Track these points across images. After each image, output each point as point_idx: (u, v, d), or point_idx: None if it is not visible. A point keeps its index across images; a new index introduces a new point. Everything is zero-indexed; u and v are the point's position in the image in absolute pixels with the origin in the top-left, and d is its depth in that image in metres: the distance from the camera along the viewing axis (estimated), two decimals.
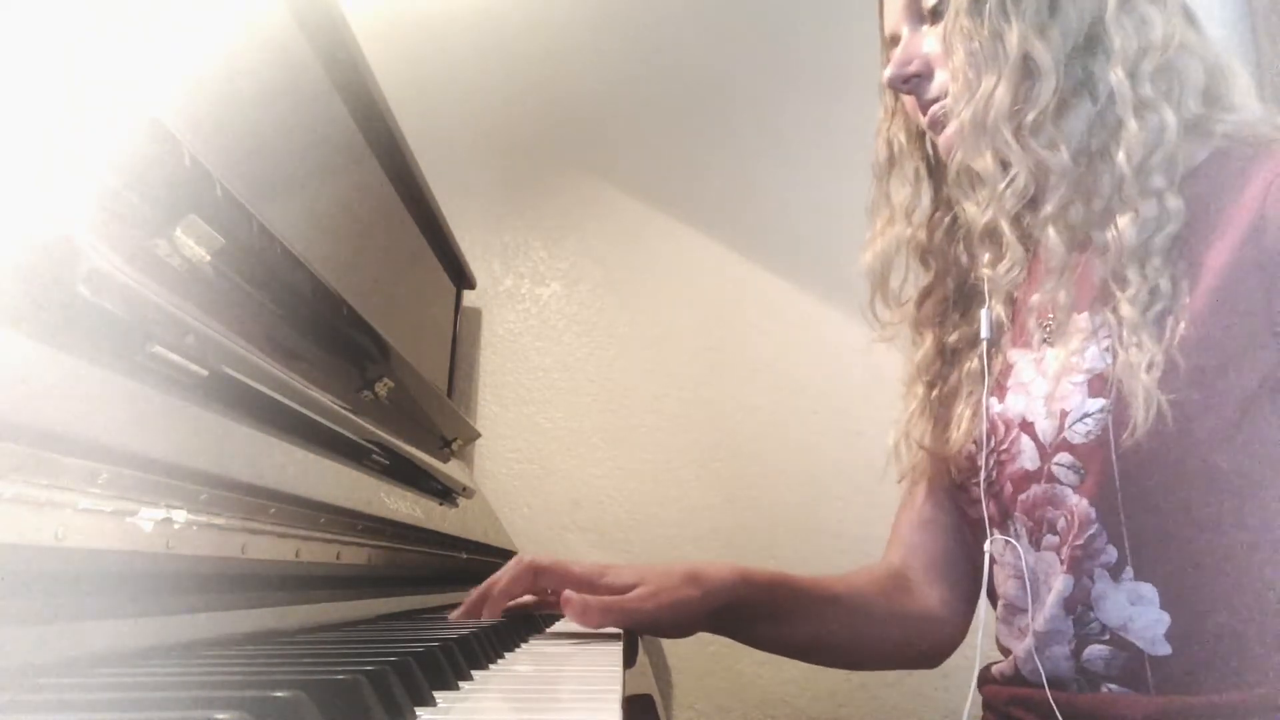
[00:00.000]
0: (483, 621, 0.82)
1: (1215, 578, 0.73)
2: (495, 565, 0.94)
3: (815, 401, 1.76)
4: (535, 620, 0.93)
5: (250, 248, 0.71)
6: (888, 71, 0.87)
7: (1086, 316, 0.79)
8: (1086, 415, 0.77)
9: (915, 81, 0.86)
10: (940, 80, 0.84)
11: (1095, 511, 0.77)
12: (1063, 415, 0.79)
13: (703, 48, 1.90)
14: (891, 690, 1.66)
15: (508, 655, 0.70)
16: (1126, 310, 0.74)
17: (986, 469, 0.86)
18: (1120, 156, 0.75)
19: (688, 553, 1.71)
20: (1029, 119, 0.77)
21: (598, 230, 1.85)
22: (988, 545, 0.86)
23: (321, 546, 0.75)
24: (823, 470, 1.73)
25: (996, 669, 0.88)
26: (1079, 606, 0.78)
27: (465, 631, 0.65)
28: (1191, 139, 0.77)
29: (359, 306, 0.94)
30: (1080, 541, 0.77)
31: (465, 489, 1.36)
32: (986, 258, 0.83)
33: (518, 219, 1.86)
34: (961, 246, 0.92)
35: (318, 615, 0.76)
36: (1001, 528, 0.86)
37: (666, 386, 1.79)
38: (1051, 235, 0.78)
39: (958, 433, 0.89)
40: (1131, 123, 0.75)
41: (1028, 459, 0.82)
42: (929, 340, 0.94)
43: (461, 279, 1.70)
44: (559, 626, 0.97)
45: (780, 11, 1.89)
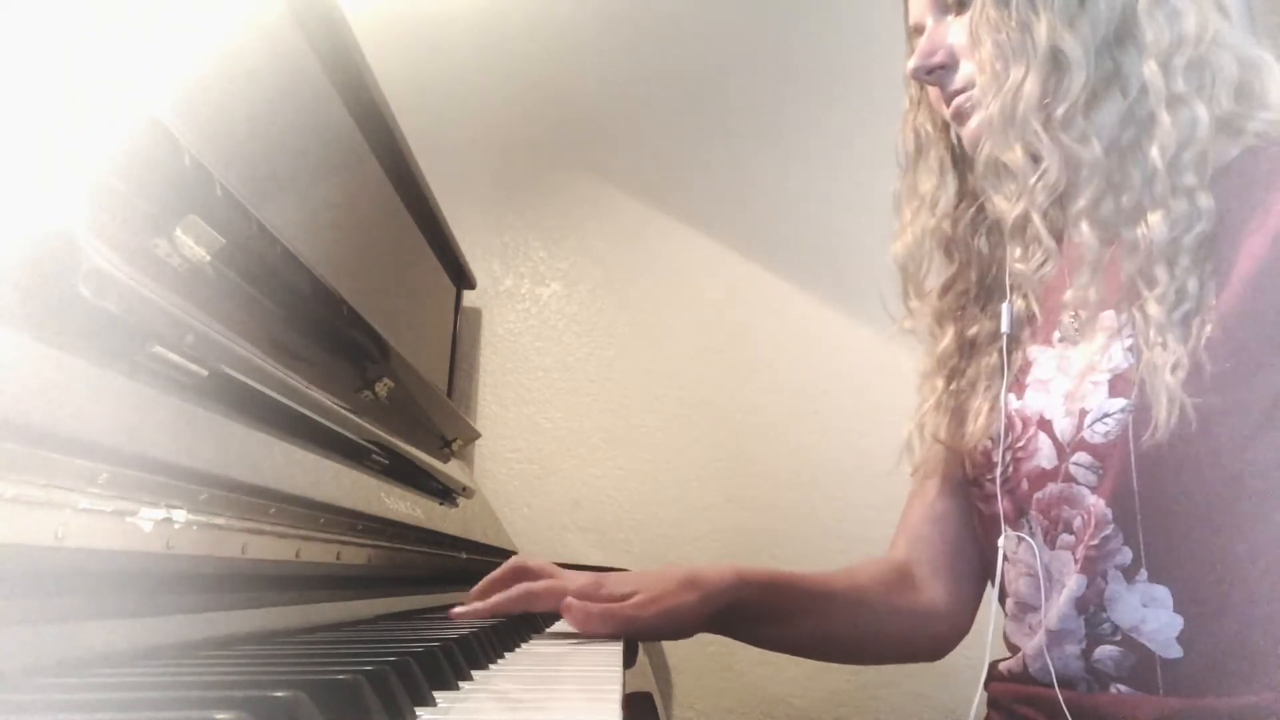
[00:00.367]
0: (483, 621, 0.82)
1: (1230, 583, 0.72)
2: (495, 565, 0.94)
3: (815, 401, 1.76)
4: (535, 620, 0.93)
5: (250, 248, 0.71)
6: (912, 62, 0.86)
7: (1112, 314, 0.78)
8: (1106, 415, 0.76)
9: (939, 73, 0.84)
10: (965, 72, 0.83)
11: (1112, 512, 0.76)
12: (1082, 414, 0.78)
13: (702, 48, 1.89)
14: (892, 690, 1.66)
15: (508, 655, 0.70)
16: (1153, 309, 0.73)
17: (1003, 465, 0.85)
18: (1154, 152, 0.74)
19: (688, 553, 1.71)
20: (1059, 112, 0.75)
21: (598, 230, 1.85)
22: (1001, 541, 0.85)
23: (321, 546, 0.75)
24: (823, 470, 1.73)
25: (1004, 666, 0.88)
26: (1091, 607, 0.78)
27: (465, 631, 0.65)
28: (1223, 136, 0.76)
29: (359, 306, 0.94)
30: (1095, 542, 0.77)
31: (465, 489, 1.36)
32: (1018, 252, 0.81)
33: (518, 219, 1.86)
34: (984, 239, 0.91)
35: (318, 615, 0.76)
36: (1015, 525, 0.85)
37: (666, 386, 1.79)
38: (1085, 230, 0.76)
39: (974, 427, 0.88)
40: (1164, 117, 0.74)
41: (1045, 457, 0.81)
42: (950, 333, 0.93)
43: (461, 279, 1.70)
44: (559, 626, 0.97)
45: (779, 12, 1.89)
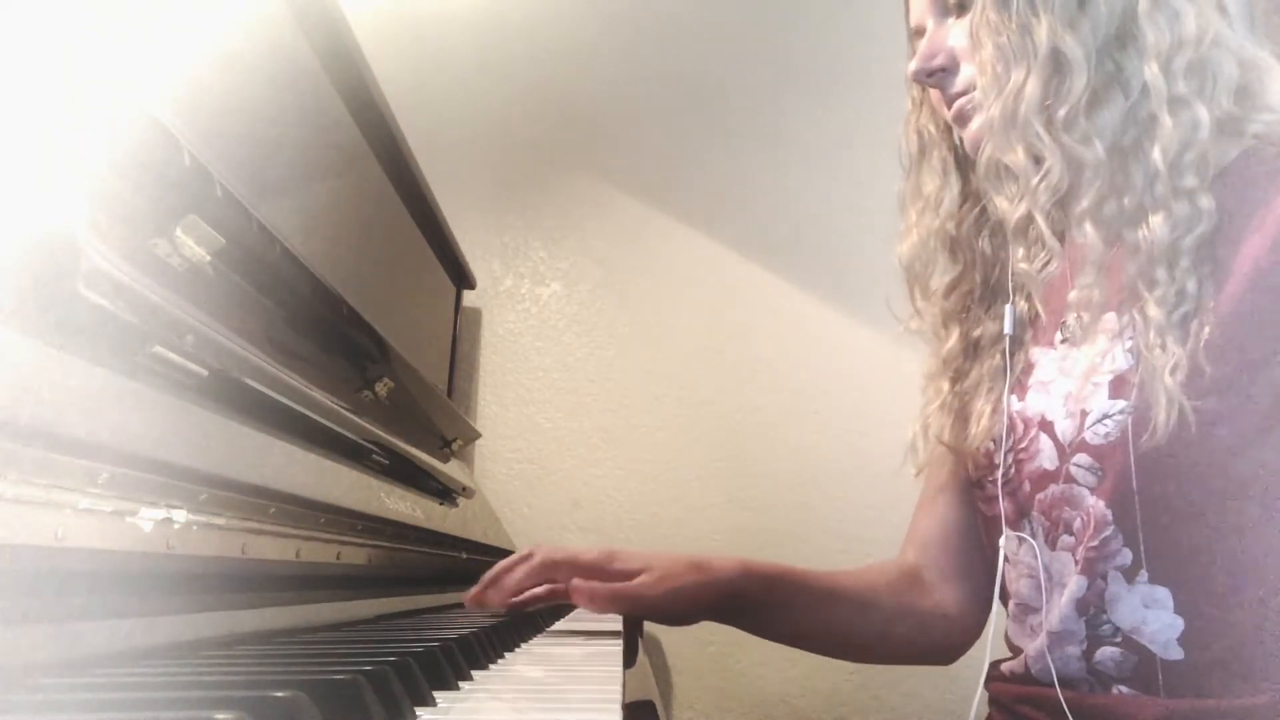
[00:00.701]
0: (483, 621, 0.83)
1: (1231, 584, 0.72)
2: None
3: (815, 401, 1.76)
4: (536, 619, 0.93)
5: (250, 247, 0.71)
6: (912, 65, 0.86)
7: (1113, 316, 0.78)
8: (1107, 416, 0.76)
9: (940, 75, 0.84)
10: (966, 74, 0.83)
11: (1112, 513, 0.76)
12: (1083, 415, 0.78)
13: (702, 48, 1.89)
14: (892, 690, 1.66)
15: (508, 655, 0.70)
16: (1153, 311, 0.73)
17: (1005, 467, 0.85)
18: (1155, 153, 0.73)
19: (688, 552, 1.71)
20: (1061, 113, 0.75)
21: (598, 230, 1.85)
22: (1002, 542, 0.86)
23: (321, 546, 0.75)
24: (823, 470, 1.73)
25: (1006, 667, 0.88)
26: (1092, 608, 0.78)
27: (465, 631, 0.65)
28: (1223, 138, 0.76)
29: (359, 306, 0.94)
30: (1095, 543, 0.77)
31: (465, 489, 1.36)
32: (1020, 253, 0.81)
33: (518, 219, 1.86)
34: (988, 240, 0.91)
35: (318, 615, 0.76)
36: (1017, 526, 0.85)
37: (666, 386, 1.79)
38: (1089, 231, 0.76)
39: (977, 429, 0.88)
40: (1166, 119, 0.73)
41: (1046, 458, 0.81)
42: (954, 334, 0.93)
43: (461, 279, 1.70)
44: (559, 625, 0.97)
45: (779, 12, 1.89)
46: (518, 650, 0.75)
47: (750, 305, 1.81)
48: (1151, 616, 0.75)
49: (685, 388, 1.79)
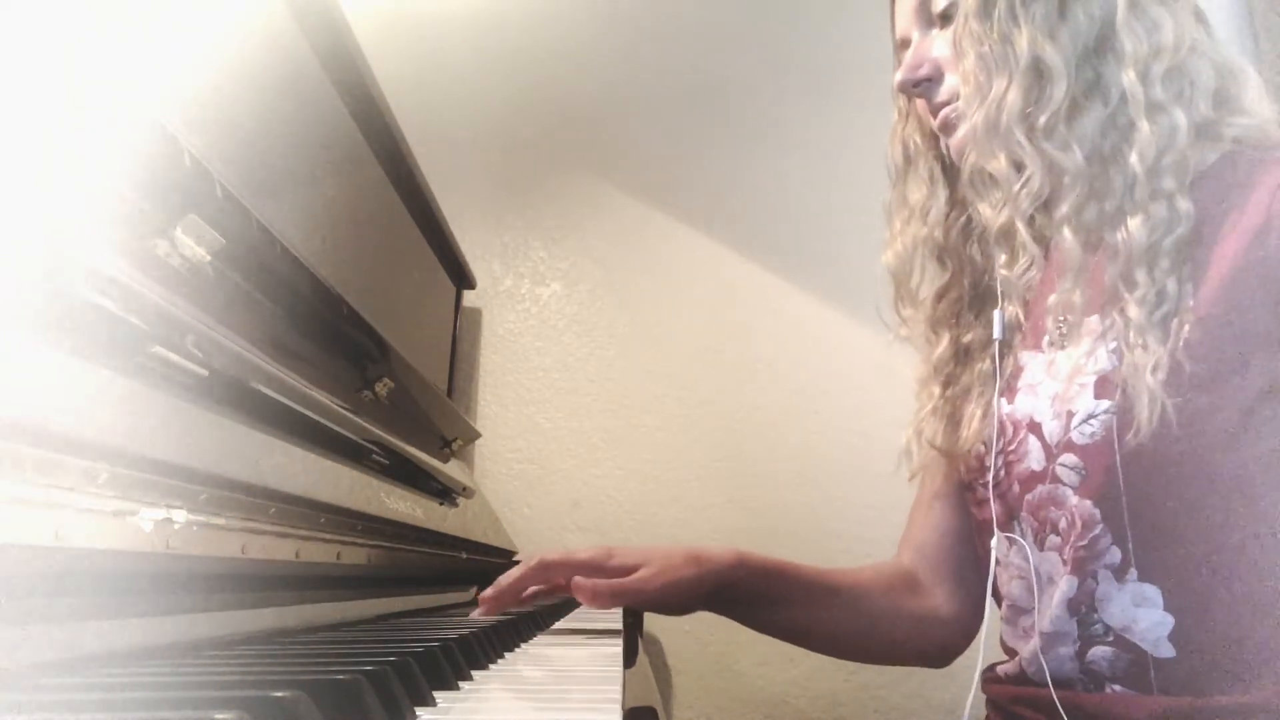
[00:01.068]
0: (483, 621, 0.83)
1: (1220, 580, 0.73)
2: (495, 565, 0.94)
3: (815, 401, 1.76)
4: (536, 618, 0.93)
5: (250, 248, 0.71)
6: (898, 75, 0.88)
7: (1097, 319, 0.79)
8: (1092, 416, 0.77)
9: (925, 85, 0.86)
10: (950, 84, 0.85)
11: (1100, 512, 0.77)
12: (1069, 416, 0.79)
13: (702, 48, 1.89)
14: (892, 690, 1.66)
15: (508, 655, 0.70)
16: (1134, 312, 0.74)
17: (995, 469, 0.86)
18: (1133, 158, 0.75)
19: None
20: (1041, 121, 0.77)
21: (598, 230, 1.85)
22: (993, 544, 0.86)
23: (321, 546, 0.75)
24: (823, 470, 1.73)
25: (1002, 669, 0.88)
26: (1083, 608, 0.78)
27: (465, 631, 0.65)
28: (1202, 142, 0.77)
29: (359, 306, 0.94)
30: (1084, 542, 0.78)
31: (465, 489, 1.36)
32: (1004, 259, 0.83)
33: (518, 219, 1.86)
34: (976, 246, 0.93)
35: (318, 615, 0.76)
36: (1007, 528, 0.86)
37: (666, 386, 1.79)
38: (1067, 236, 0.78)
39: (968, 433, 0.90)
40: (1144, 125, 0.75)
41: (1034, 460, 0.82)
42: (945, 340, 0.95)
43: (461, 279, 1.70)
44: (560, 625, 0.97)
45: (779, 12, 1.89)
46: (518, 650, 0.75)
47: (750, 305, 1.81)
48: (1142, 615, 0.75)
49: (685, 388, 1.79)
